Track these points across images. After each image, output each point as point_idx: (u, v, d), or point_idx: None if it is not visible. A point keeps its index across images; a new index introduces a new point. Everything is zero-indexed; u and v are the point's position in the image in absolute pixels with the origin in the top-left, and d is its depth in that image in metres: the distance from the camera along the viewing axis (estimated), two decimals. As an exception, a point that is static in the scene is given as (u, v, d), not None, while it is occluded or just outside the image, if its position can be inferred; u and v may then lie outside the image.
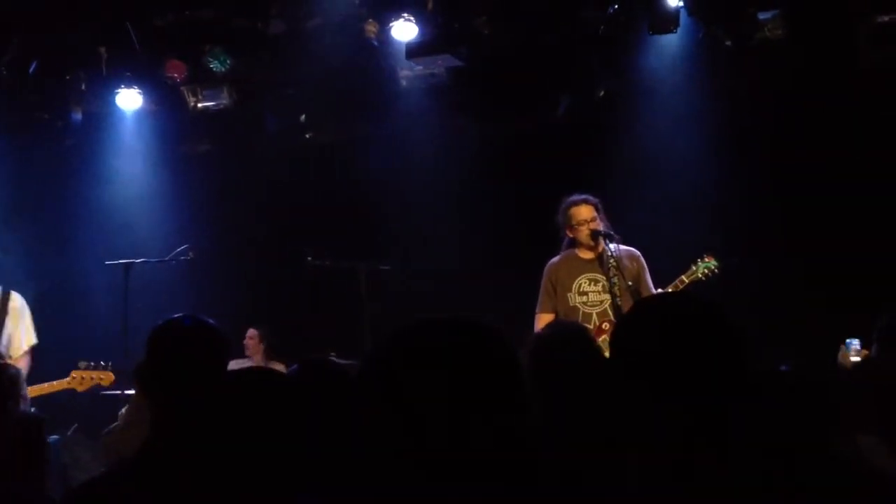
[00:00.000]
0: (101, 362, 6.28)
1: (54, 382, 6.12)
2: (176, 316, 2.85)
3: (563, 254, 5.90)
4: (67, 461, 7.02)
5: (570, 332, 3.62)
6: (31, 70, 7.27)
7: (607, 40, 6.95)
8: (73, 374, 6.19)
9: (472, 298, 7.46)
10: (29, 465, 2.98)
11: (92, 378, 6.23)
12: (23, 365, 5.62)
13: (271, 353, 7.92)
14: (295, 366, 2.49)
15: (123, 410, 4.45)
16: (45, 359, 6.28)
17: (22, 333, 6.02)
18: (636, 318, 1.87)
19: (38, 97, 7.81)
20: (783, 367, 2.84)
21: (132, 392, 6.01)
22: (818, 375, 3.05)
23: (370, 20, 7.17)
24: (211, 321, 2.83)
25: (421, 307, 7.33)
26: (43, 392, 6.07)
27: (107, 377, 6.27)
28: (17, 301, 6.03)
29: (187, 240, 7.19)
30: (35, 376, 5.94)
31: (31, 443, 3.05)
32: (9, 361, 5.61)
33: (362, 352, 7.16)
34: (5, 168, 8.09)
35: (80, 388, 6.21)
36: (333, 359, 6.83)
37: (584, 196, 5.76)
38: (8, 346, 5.90)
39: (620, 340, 1.82)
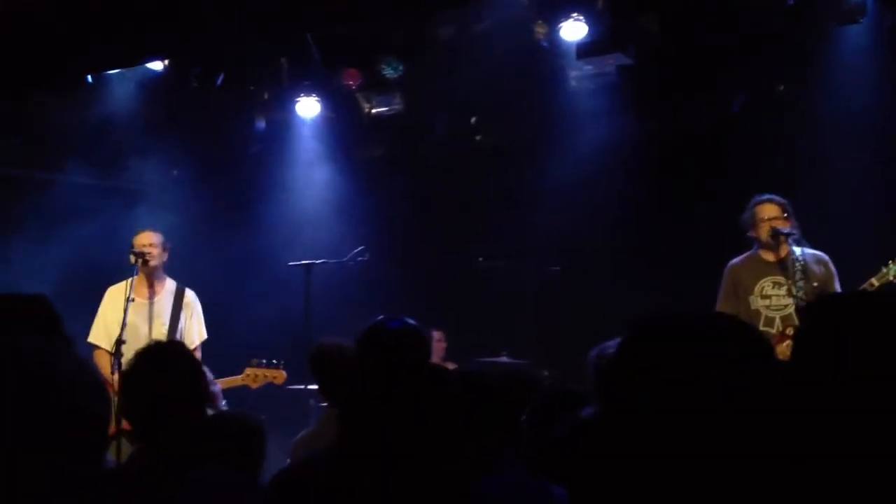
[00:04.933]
0: (273, 360, 6.43)
1: (229, 379, 6.28)
2: (383, 318, 2.94)
3: (745, 255, 5.75)
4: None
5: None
6: (218, 82, 7.69)
7: (786, 33, 6.68)
8: (248, 371, 6.36)
9: (641, 299, 7.35)
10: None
11: (266, 376, 6.37)
12: None
13: (447, 353, 8.02)
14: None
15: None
16: (225, 355, 6.54)
17: (194, 328, 6.37)
18: (825, 317, 1.70)
19: (224, 107, 8.27)
20: None
21: (315, 387, 6.13)
22: None
23: (539, 21, 7.17)
24: (416, 324, 2.94)
25: (589, 308, 7.29)
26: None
27: (279, 375, 6.41)
28: (190, 296, 6.39)
29: (363, 241, 7.42)
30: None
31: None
32: None
33: (532, 351, 7.21)
34: (196, 173, 8.61)
35: (253, 385, 6.37)
36: (505, 359, 6.95)
37: (769, 196, 5.65)
38: (181, 339, 6.13)
39: (806, 342, 1.68)
